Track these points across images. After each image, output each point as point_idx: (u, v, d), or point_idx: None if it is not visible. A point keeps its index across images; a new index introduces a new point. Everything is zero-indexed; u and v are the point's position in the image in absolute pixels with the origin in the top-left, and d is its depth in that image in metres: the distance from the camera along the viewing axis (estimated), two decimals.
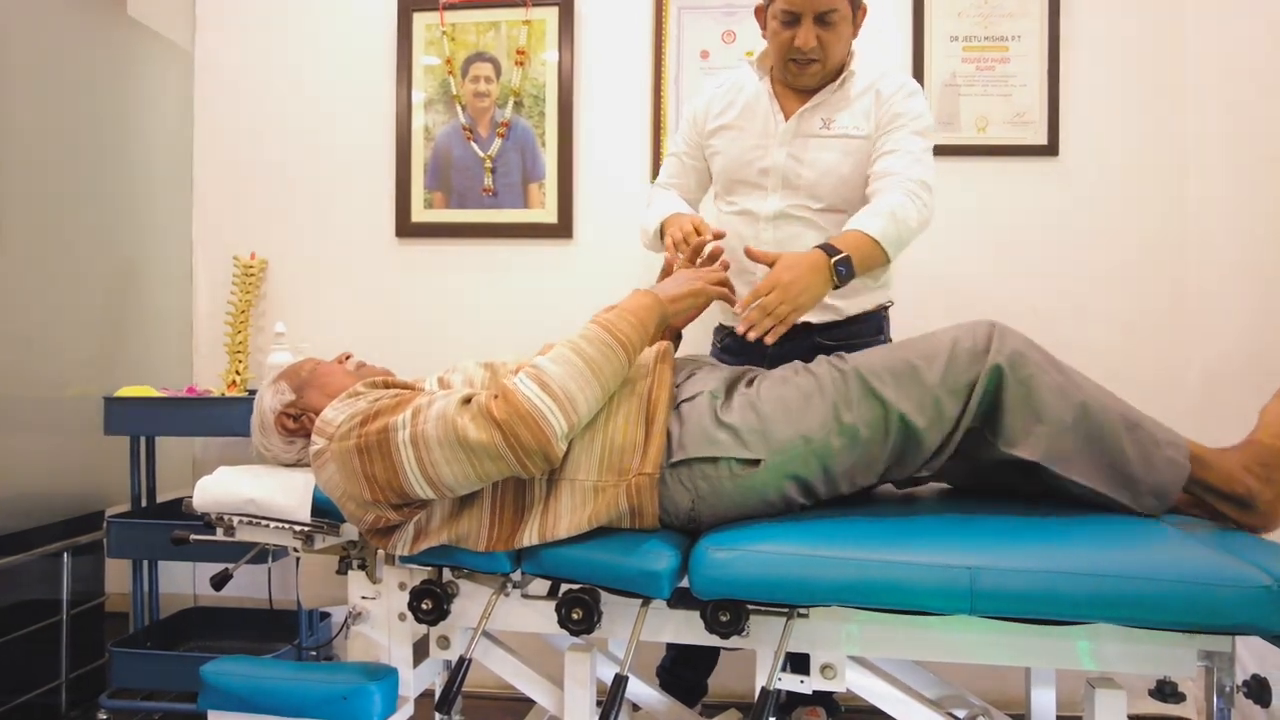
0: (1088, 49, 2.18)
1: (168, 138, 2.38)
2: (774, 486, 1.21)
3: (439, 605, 1.26)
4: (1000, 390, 1.18)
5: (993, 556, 1.05)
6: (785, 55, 1.59)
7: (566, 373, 1.16)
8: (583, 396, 1.16)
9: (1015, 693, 1.46)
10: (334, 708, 1.22)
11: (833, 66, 1.61)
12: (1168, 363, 2.14)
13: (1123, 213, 2.17)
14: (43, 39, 1.97)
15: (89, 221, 2.12)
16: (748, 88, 1.70)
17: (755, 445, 1.20)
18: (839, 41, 1.57)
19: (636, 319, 1.25)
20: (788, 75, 1.63)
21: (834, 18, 1.54)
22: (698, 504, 1.21)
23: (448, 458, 1.13)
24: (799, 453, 1.20)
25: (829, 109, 1.64)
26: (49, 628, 1.98)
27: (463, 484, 1.16)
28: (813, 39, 1.54)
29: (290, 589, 2.21)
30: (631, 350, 1.23)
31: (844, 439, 1.20)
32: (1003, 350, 1.19)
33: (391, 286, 2.38)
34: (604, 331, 1.22)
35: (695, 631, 1.19)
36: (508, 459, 1.13)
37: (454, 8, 2.33)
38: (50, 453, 2.00)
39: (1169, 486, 1.19)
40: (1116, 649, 1.12)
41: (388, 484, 1.16)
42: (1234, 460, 1.22)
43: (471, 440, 1.12)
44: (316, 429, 1.25)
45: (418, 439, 1.14)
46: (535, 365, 1.17)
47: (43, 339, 1.98)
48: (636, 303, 1.28)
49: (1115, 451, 1.18)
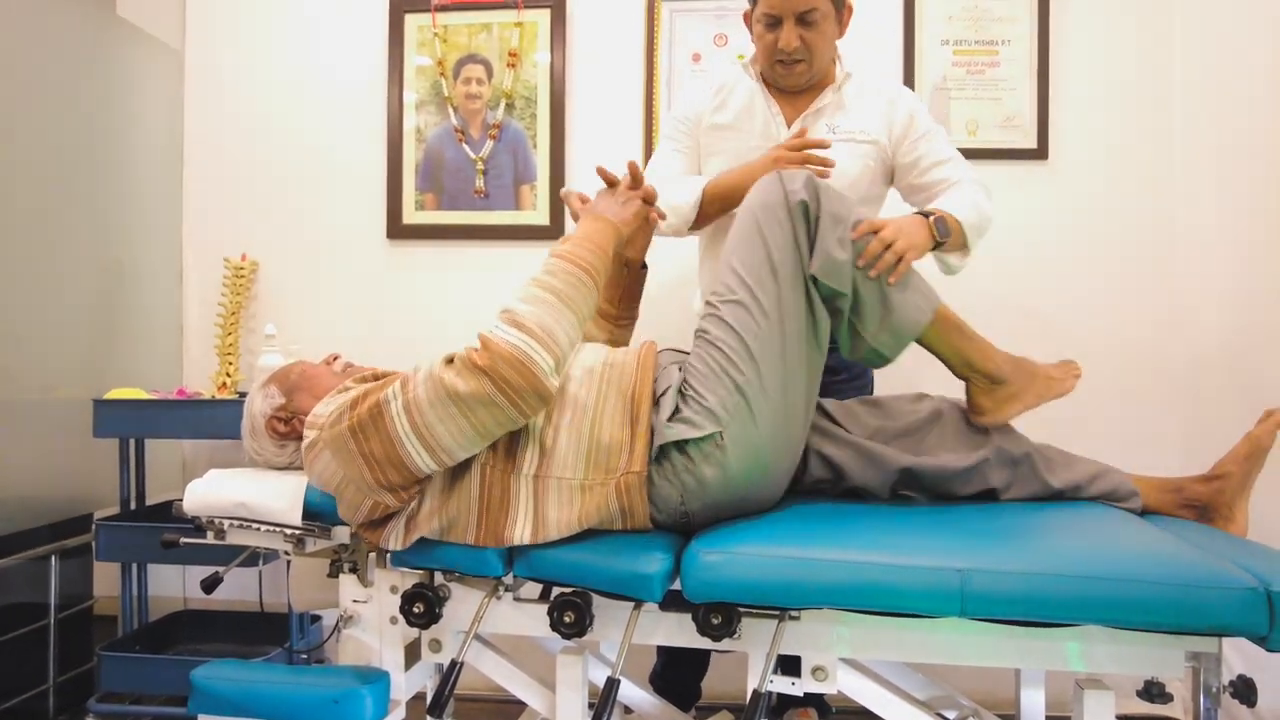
0: (1077, 53, 2.19)
1: (158, 138, 2.37)
2: (751, 460, 1.21)
3: (431, 609, 1.26)
4: (814, 221, 1.26)
5: (983, 559, 1.06)
6: (771, 57, 1.60)
7: (539, 309, 1.17)
8: (560, 329, 1.17)
9: (1005, 694, 1.47)
10: (325, 711, 1.22)
11: (820, 66, 1.62)
12: (1156, 364, 2.16)
13: (1111, 216, 2.19)
14: (31, 38, 1.96)
15: (78, 222, 2.10)
16: (740, 90, 1.70)
17: (704, 422, 1.20)
18: (823, 40, 1.58)
19: (594, 244, 1.27)
20: (776, 77, 1.64)
21: (815, 17, 1.55)
22: (687, 498, 1.21)
23: (441, 416, 1.13)
24: (743, 408, 1.20)
25: (832, 112, 1.66)
26: (37, 631, 1.97)
27: (460, 442, 1.15)
28: (795, 39, 1.55)
29: (281, 592, 2.20)
30: (596, 274, 1.25)
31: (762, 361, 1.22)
32: (796, 193, 1.26)
33: (383, 288, 2.37)
34: (565, 262, 1.23)
35: (687, 634, 1.19)
36: (500, 404, 1.13)
37: (446, 9, 2.33)
38: (39, 455, 1.99)
39: (908, 326, 1.29)
40: (1105, 650, 1.13)
41: (386, 459, 1.16)
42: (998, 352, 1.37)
43: (462, 392, 1.12)
44: (308, 424, 1.26)
45: (410, 406, 1.14)
46: (507, 309, 1.18)
47: (31, 340, 1.97)
48: (591, 228, 1.30)
49: (882, 286, 1.28)
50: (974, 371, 1.36)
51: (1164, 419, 2.14)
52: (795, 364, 1.25)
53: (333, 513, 1.30)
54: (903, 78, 2.21)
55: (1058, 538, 1.16)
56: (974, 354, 1.35)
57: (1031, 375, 1.37)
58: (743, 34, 1.77)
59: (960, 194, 1.57)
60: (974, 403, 1.38)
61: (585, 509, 1.19)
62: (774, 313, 1.24)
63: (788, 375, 1.25)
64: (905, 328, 1.29)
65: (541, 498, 1.20)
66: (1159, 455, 2.02)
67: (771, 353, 1.23)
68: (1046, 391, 1.38)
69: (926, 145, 1.64)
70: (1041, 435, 1.42)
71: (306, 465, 1.27)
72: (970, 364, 1.35)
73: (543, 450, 1.21)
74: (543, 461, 1.20)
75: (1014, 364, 1.37)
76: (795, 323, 1.25)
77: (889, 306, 1.28)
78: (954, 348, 1.35)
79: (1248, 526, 1.33)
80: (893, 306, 1.28)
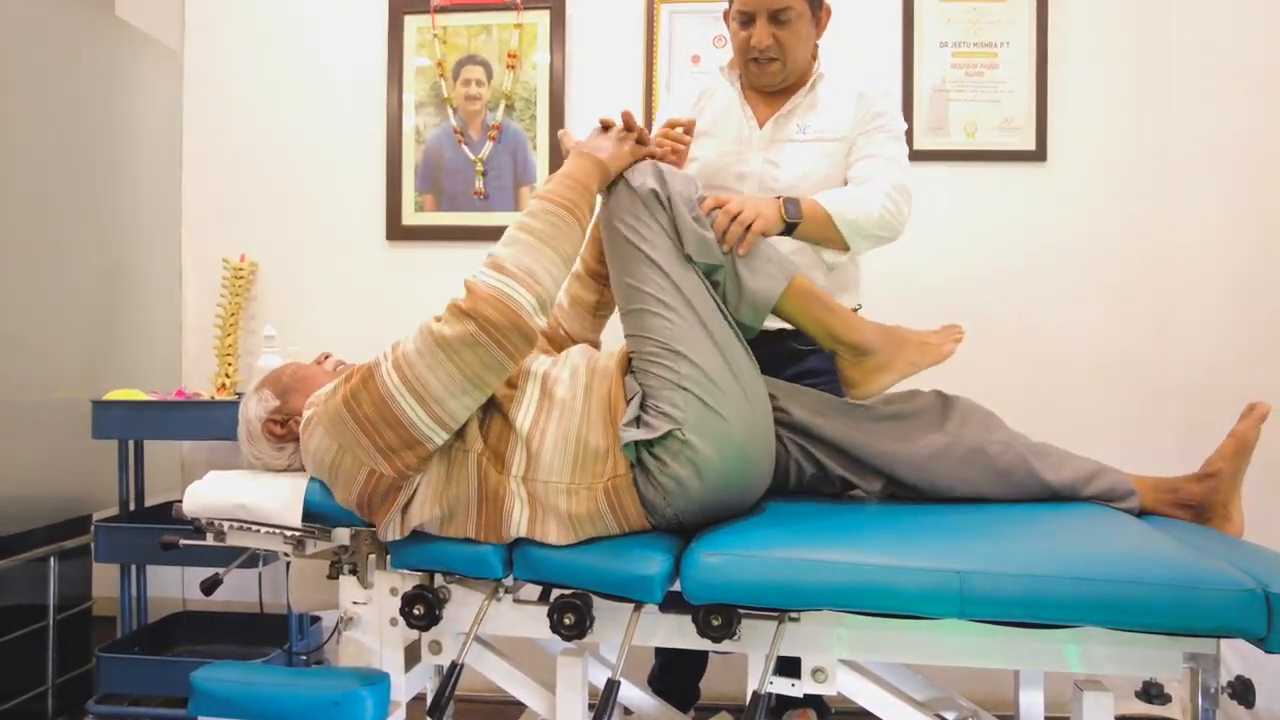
0: (1076, 55, 2.20)
1: (156, 139, 2.37)
2: (724, 445, 1.20)
3: (431, 610, 1.26)
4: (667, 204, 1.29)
5: (982, 560, 1.06)
6: (745, 55, 1.60)
7: (519, 250, 1.20)
8: (541, 268, 1.19)
9: (1003, 695, 1.48)
10: (325, 713, 1.22)
11: (794, 66, 1.61)
12: (1154, 366, 2.16)
13: (1110, 218, 2.19)
14: (29, 40, 1.95)
15: (77, 223, 2.10)
16: (718, 94, 1.70)
17: (658, 423, 1.20)
18: (797, 40, 1.57)
19: (575, 181, 1.28)
20: (751, 76, 1.64)
21: (788, 15, 1.54)
22: (670, 500, 1.20)
23: (430, 365, 1.16)
24: (693, 402, 1.20)
25: (803, 113, 1.65)
26: (35, 633, 1.97)
27: (451, 390, 1.16)
28: (768, 38, 1.55)
29: (280, 593, 2.20)
30: (578, 210, 1.26)
31: (693, 353, 1.22)
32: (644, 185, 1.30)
33: (382, 289, 2.37)
34: (546, 203, 1.25)
35: (687, 636, 1.20)
36: (486, 345, 1.15)
37: (445, 10, 2.33)
38: (38, 456, 1.99)
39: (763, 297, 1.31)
40: (1104, 651, 1.13)
41: (380, 418, 1.17)
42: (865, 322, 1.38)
43: (448, 336, 1.15)
44: (306, 405, 1.27)
45: (400, 361, 1.17)
46: (490, 254, 1.21)
47: (30, 341, 1.96)
48: (575, 166, 1.30)
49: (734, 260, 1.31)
50: (839, 343, 1.36)
51: (1161, 422, 2.15)
52: (726, 340, 1.27)
53: (333, 514, 1.30)
54: (901, 80, 2.21)
55: (1057, 539, 1.16)
56: (837, 325, 1.35)
57: (902, 343, 1.36)
58: None
59: (850, 189, 1.55)
60: (844, 376, 1.38)
61: (575, 510, 1.19)
62: (678, 303, 1.25)
63: (726, 354, 1.25)
64: (760, 299, 1.31)
65: (533, 496, 1.21)
66: (1156, 458, 2.01)
67: (697, 341, 1.24)
68: (921, 359, 1.36)
69: (866, 139, 1.61)
70: (1038, 436, 1.42)
71: (303, 447, 1.27)
72: (835, 336, 1.36)
73: (529, 453, 1.21)
74: (530, 465, 1.21)
75: (882, 333, 1.36)
76: (704, 302, 1.27)
77: (741, 280, 1.30)
78: (816, 319, 1.35)
79: (1244, 525, 1.33)
80: (744, 279, 1.30)
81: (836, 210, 1.48)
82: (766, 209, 1.39)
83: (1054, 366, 2.19)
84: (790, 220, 1.43)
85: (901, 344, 1.36)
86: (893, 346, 1.36)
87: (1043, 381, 2.18)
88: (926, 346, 1.37)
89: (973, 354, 2.19)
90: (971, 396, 1.43)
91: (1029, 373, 2.18)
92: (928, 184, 2.23)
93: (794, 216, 1.43)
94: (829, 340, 1.37)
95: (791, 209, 1.43)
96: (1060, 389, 2.17)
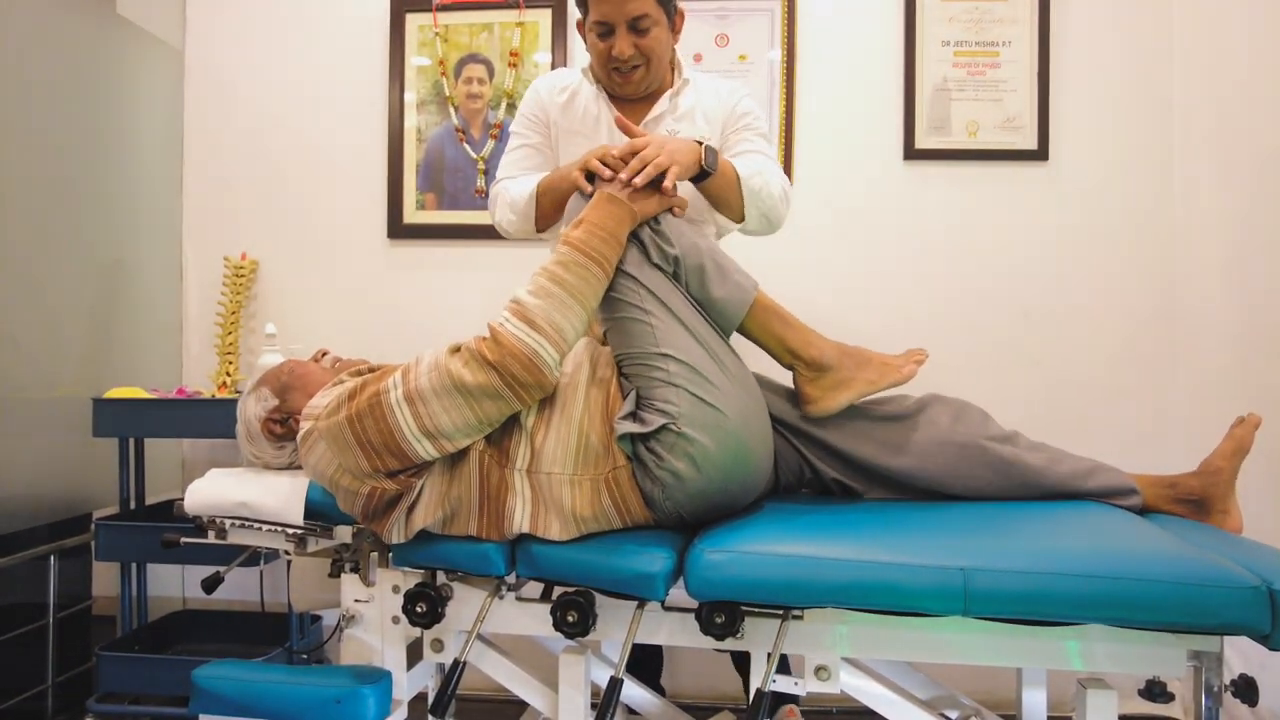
0: (1077, 55, 2.20)
1: (158, 137, 2.37)
2: (721, 437, 1.20)
3: (433, 608, 1.26)
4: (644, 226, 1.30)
5: (986, 557, 1.06)
6: (607, 66, 1.58)
7: (550, 305, 1.18)
8: (568, 324, 1.18)
9: (1005, 694, 1.47)
10: (328, 711, 1.22)
11: (657, 72, 1.60)
12: (1156, 365, 2.16)
13: (1111, 217, 2.19)
14: (31, 37, 1.95)
15: (78, 221, 2.10)
16: (582, 95, 1.66)
17: (652, 418, 1.19)
18: (658, 46, 1.56)
19: (607, 232, 1.24)
20: (613, 85, 1.62)
21: (646, 24, 1.53)
22: (669, 494, 1.20)
23: (446, 406, 1.15)
24: (686, 397, 1.19)
25: (673, 120, 1.63)
26: (35, 631, 1.96)
27: (462, 429, 1.17)
28: (629, 47, 1.53)
29: (280, 591, 2.20)
30: (607, 264, 1.24)
31: (676, 351, 1.22)
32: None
33: (383, 288, 2.37)
34: (579, 254, 1.22)
35: (690, 634, 1.19)
36: (505, 396, 1.16)
37: (447, 9, 2.33)
38: (38, 454, 1.98)
39: (732, 306, 1.31)
40: (1107, 649, 1.13)
41: (385, 447, 1.17)
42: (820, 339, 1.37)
43: (469, 383, 1.14)
44: (304, 415, 1.25)
45: (412, 395, 1.16)
46: (518, 301, 1.19)
47: (31, 339, 1.96)
48: (608, 214, 1.26)
49: (702, 268, 1.31)
50: (796, 359, 1.34)
51: (1164, 420, 2.15)
52: (708, 336, 1.27)
53: (334, 512, 1.30)
54: (903, 79, 2.22)
55: (1060, 536, 1.16)
56: (795, 340, 1.34)
57: (863, 363, 1.35)
58: (744, 34, 1.77)
59: (752, 160, 1.54)
60: (801, 392, 1.36)
61: (577, 502, 1.19)
62: (654, 306, 1.25)
63: (710, 349, 1.25)
64: (731, 309, 1.31)
65: (536, 490, 1.20)
66: (1159, 455, 2.01)
67: (680, 339, 1.24)
68: (880, 379, 1.34)
69: (738, 137, 1.61)
70: (1038, 437, 1.42)
71: (302, 456, 1.27)
72: (792, 351, 1.35)
73: (533, 447, 1.21)
74: (534, 458, 1.21)
75: (840, 351, 1.35)
76: (679, 303, 1.27)
77: (708, 289, 1.30)
78: (774, 334, 1.35)
79: (1243, 521, 1.33)
80: (712, 290, 1.30)
81: (745, 175, 1.47)
82: (684, 155, 1.36)
83: (1055, 368, 2.19)
84: (707, 168, 1.39)
85: (862, 363, 1.35)
86: (851, 365, 1.34)
87: (1044, 383, 2.18)
88: (887, 367, 1.35)
89: (974, 355, 2.21)
90: (972, 398, 1.43)
91: (1030, 374, 2.18)
92: (929, 184, 2.23)
93: (711, 166, 1.40)
94: (785, 355, 1.35)
95: (710, 158, 1.40)
96: (1062, 390, 2.17)
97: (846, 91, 2.25)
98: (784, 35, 2.24)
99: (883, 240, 2.23)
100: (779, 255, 2.24)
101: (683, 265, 1.29)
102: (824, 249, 2.24)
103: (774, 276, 2.00)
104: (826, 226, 2.24)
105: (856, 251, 2.24)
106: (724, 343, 1.31)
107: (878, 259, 2.23)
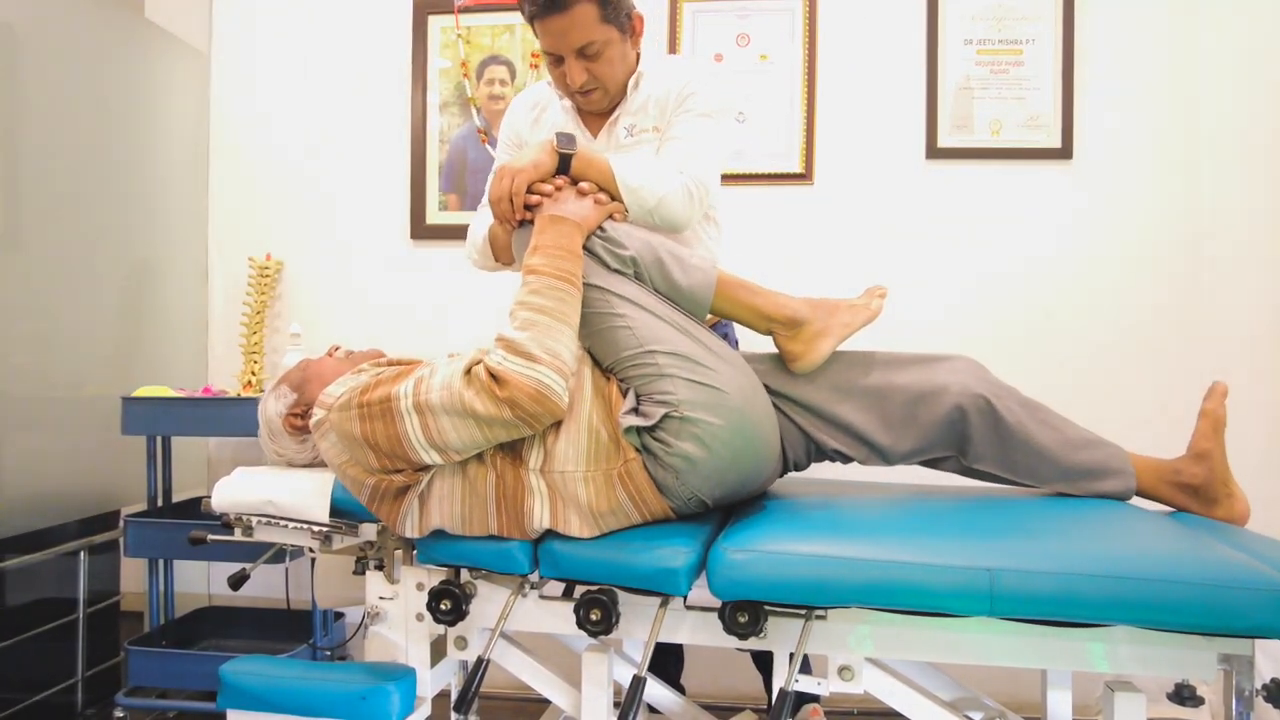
0: (1102, 52, 2.17)
1: (184, 140, 2.40)
2: (726, 413, 1.21)
3: (458, 606, 1.27)
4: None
5: (1012, 558, 1.05)
6: (567, 90, 1.56)
7: (539, 334, 1.18)
8: (562, 347, 1.19)
9: (1029, 696, 1.46)
10: (352, 707, 1.23)
11: (615, 88, 1.56)
12: (1181, 363, 2.14)
13: (1136, 216, 2.17)
14: (61, 42, 1.99)
15: (106, 222, 2.13)
16: (551, 108, 1.65)
17: (653, 410, 1.20)
18: (611, 66, 1.52)
19: (564, 250, 1.26)
20: (577, 103, 1.60)
21: (594, 49, 1.48)
22: (683, 478, 1.21)
23: (455, 425, 1.16)
24: (681, 383, 1.21)
25: (629, 116, 1.60)
26: (65, 626, 2.00)
27: (469, 446, 1.18)
28: (581, 75, 1.50)
29: (304, 588, 2.22)
30: (576, 280, 1.25)
31: (661, 344, 1.23)
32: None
33: (406, 288, 2.39)
34: (547, 278, 1.23)
35: (712, 633, 1.19)
36: (518, 426, 1.17)
37: (469, 11, 2.34)
38: (67, 452, 2.02)
39: (700, 290, 1.33)
40: (1135, 652, 1.12)
41: (390, 450, 1.18)
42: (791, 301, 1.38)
43: (480, 412, 1.15)
44: (318, 403, 1.26)
45: (422, 407, 1.16)
46: (506, 339, 1.18)
47: (60, 339, 1.99)
48: (559, 234, 1.27)
49: (660, 261, 1.33)
50: (773, 321, 1.36)
51: (1191, 419, 2.12)
52: (686, 323, 1.28)
53: (360, 510, 1.32)
54: (925, 77, 2.20)
55: (1087, 537, 1.15)
56: (766, 305, 1.35)
57: (832, 310, 1.37)
58: (766, 34, 1.77)
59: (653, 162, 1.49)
60: (785, 352, 1.37)
61: (593, 497, 1.20)
62: (628, 309, 1.26)
63: (692, 335, 1.27)
64: (700, 293, 1.32)
65: (553, 487, 1.21)
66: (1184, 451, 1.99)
67: (661, 332, 1.25)
68: (853, 320, 1.37)
69: (671, 123, 1.55)
70: None
71: (316, 440, 1.28)
72: (766, 315, 1.35)
73: (545, 447, 1.22)
74: (546, 458, 1.22)
75: (809, 304, 1.36)
76: (649, 300, 1.28)
77: (674, 282, 1.31)
78: (745, 304, 1.36)
79: (1247, 502, 1.32)
80: (677, 281, 1.31)
81: (621, 172, 1.41)
82: (539, 154, 1.36)
83: (1078, 368, 2.17)
84: (562, 151, 1.37)
85: (832, 311, 1.37)
86: (824, 314, 1.36)
87: (1066, 382, 2.16)
88: (855, 308, 1.38)
89: (996, 354, 2.18)
90: None
91: (1052, 373, 2.16)
92: (952, 182, 2.22)
93: (565, 146, 1.38)
94: (761, 321, 1.37)
95: (564, 140, 1.38)
96: (1088, 388, 2.15)
97: (868, 90, 2.24)
98: (805, 34, 2.23)
99: (905, 239, 2.22)
100: (800, 254, 2.24)
101: (641, 264, 1.31)
102: (846, 248, 2.23)
103: (795, 275, 2.00)
104: (849, 225, 2.23)
105: (879, 250, 2.23)
106: (704, 328, 1.32)
107: (900, 258, 2.22)
